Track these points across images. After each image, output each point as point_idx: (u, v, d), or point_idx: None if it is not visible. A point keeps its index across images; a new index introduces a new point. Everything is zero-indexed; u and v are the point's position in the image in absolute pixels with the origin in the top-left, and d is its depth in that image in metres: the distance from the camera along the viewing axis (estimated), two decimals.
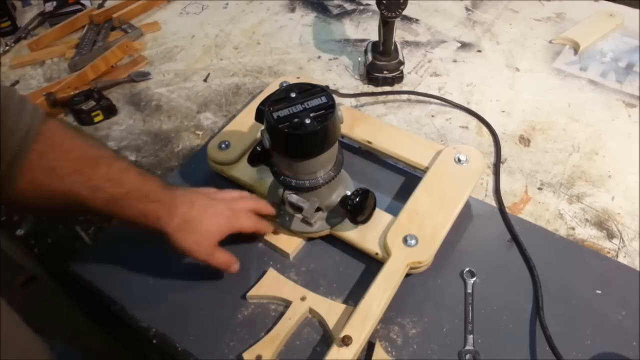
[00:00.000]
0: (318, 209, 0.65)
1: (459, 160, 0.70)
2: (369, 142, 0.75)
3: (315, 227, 0.66)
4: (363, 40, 1.01)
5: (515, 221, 0.70)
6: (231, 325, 0.61)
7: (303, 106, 0.57)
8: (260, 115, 0.63)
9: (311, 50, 1.01)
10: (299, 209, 0.64)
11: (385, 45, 0.88)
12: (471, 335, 0.59)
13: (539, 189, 0.75)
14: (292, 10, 1.12)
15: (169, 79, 0.96)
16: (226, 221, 0.61)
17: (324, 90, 0.59)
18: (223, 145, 0.74)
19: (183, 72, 0.97)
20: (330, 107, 0.57)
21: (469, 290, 0.63)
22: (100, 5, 1.12)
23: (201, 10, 1.13)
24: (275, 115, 0.56)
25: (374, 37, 0.92)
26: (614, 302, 0.62)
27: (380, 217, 0.66)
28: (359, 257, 0.66)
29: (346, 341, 0.54)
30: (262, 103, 0.61)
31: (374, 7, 0.82)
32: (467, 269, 0.65)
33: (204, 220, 0.60)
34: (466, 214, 0.71)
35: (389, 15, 0.81)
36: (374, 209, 0.65)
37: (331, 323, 0.59)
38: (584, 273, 0.65)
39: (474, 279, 0.64)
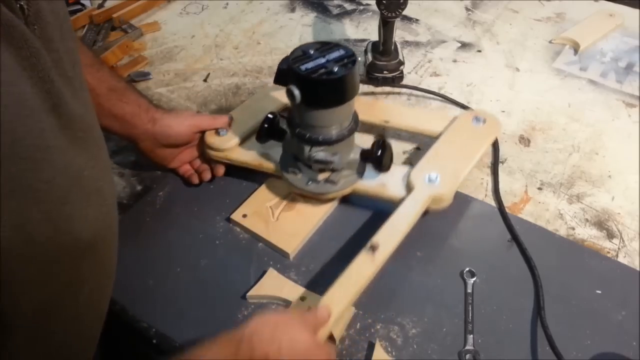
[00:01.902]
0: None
1: (477, 120, 0.75)
2: (386, 121, 0.78)
3: (339, 185, 0.68)
4: (363, 40, 1.01)
5: (515, 221, 0.70)
6: (231, 325, 0.60)
7: (325, 59, 0.60)
8: (281, 76, 0.63)
9: None
10: (328, 164, 0.65)
11: (385, 45, 0.88)
12: (471, 335, 0.59)
13: (539, 189, 0.75)
14: (292, 10, 1.12)
15: (169, 79, 0.96)
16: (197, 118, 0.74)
17: (339, 45, 0.62)
18: (221, 132, 0.73)
19: (183, 72, 0.97)
20: (351, 56, 0.61)
21: (469, 290, 0.63)
22: (100, 5, 1.12)
23: (201, 10, 1.13)
24: (303, 67, 0.59)
25: (374, 37, 0.92)
26: (614, 302, 0.62)
27: (397, 168, 0.69)
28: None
29: (374, 247, 0.59)
30: (282, 64, 0.62)
31: (374, 7, 0.82)
32: (467, 269, 0.65)
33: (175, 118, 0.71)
34: (466, 214, 0.71)
35: (389, 15, 0.81)
36: (392, 156, 0.67)
37: (331, 323, 0.59)
38: (584, 273, 0.65)
39: (474, 279, 0.64)
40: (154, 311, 0.62)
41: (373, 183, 0.69)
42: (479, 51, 0.99)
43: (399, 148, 0.80)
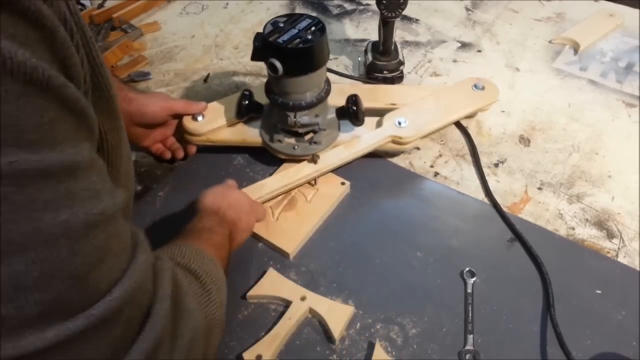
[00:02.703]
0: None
1: (476, 86, 0.82)
2: (392, 104, 0.81)
3: (322, 144, 0.74)
4: (363, 40, 1.01)
5: (515, 221, 0.70)
6: (231, 325, 0.60)
7: (296, 29, 0.64)
8: (258, 53, 0.66)
9: None
10: (313, 125, 0.71)
11: (385, 45, 0.88)
12: (471, 335, 0.59)
13: (539, 189, 0.75)
14: (292, 10, 1.12)
15: (169, 78, 0.96)
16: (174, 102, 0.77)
17: (303, 14, 0.67)
18: (199, 118, 0.76)
19: (183, 72, 0.97)
20: (318, 23, 0.66)
21: (469, 290, 0.63)
22: (100, 5, 1.12)
23: (201, 10, 1.13)
24: (281, 40, 0.63)
25: (374, 37, 0.92)
26: (614, 302, 0.62)
27: (370, 120, 0.76)
28: (358, 255, 0.66)
29: (316, 158, 0.73)
30: (256, 40, 0.65)
31: (374, 7, 0.82)
32: (467, 269, 0.65)
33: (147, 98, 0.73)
34: (466, 214, 0.71)
35: (389, 15, 0.81)
36: (364, 111, 0.73)
37: (331, 323, 0.59)
38: (584, 273, 0.65)
39: (474, 279, 0.64)
40: None
41: (349, 137, 0.76)
42: (479, 51, 0.99)
43: None
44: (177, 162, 0.79)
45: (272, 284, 0.63)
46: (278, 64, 0.63)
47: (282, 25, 0.65)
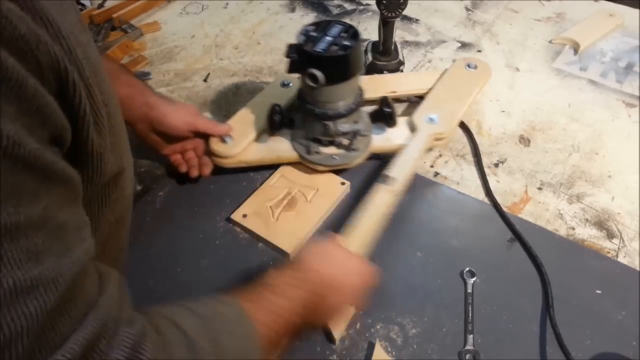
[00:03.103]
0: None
1: (469, 66, 0.85)
2: (393, 92, 0.83)
3: (360, 150, 0.73)
4: (363, 40, 1.01)
5: (515, 221, 0.70)
6: None
7: (330, 36, 0.64)
8: (295, 65, 0.65)
9: None
10: (356, 132, 0.70)
11: (385, 45, 0.88)
12: (471, 335, 0.59)
13: (539, 189, 0.75)
14: (292, 10, 1.12)
15: (169, 79, 0.96)
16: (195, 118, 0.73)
17: (332, 20, 0.66)
18: (227, 139, 0.73)
19: (183, 72, 0.97)
20: (350, 27, 0.65)
21: (469, 290, 0.63)
22: (100, 5, 1.12)
23: (201, 10, 1.13)
24: (319, 49, 0.62)
25: (374, 37, 0.92)
26: (614, 302, 0.62)
27: (398, 121, 0.74)
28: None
29: (388, 178, 0.66)
30: (291, 53, 0.64)
31: (374, 7, 0.82)
32: (467, 269, 0.65)
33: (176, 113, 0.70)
34: (466, 214, 0.71)
35: (389, 15, 0.81)
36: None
37: (331, 323, 0.59)
38: (584, 273, 0.65)
39: (474, 278, 0.64)
40: None
41: (381, 139, 0.75)
42: (479, 51, 0.99)
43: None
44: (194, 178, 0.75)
45: None
46: (319, 74, 0.62)
47: (314, 34, 0.64)
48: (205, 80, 0.95)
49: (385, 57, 0.90)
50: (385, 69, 0.89)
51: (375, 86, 0.82)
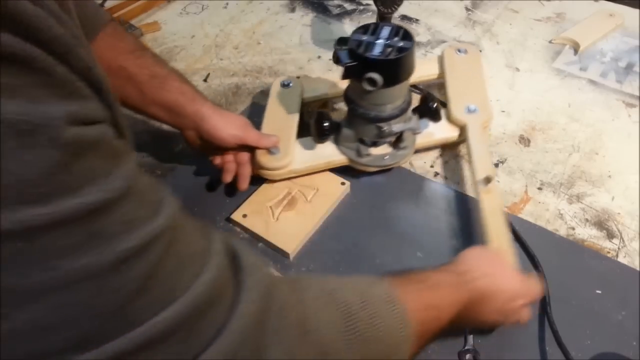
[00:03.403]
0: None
1: (459, 51, 0.86)
2: None
3: (409, 147, 0.74)
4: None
5: (515, 221, 0.70)
6: None
7: (382, 39, 0.65)
8: (352, 71, 0.65)
9: (311, 50, 1.01)
10: (412, 130, 0.72)
11: None
12: (471, 335, 0.59)
13: (539, 189, 0.75)
14: (292, 10, 1.12)
15: None
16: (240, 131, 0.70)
17: (379, 23, 0.67)
18: (274, 151, 0.71)
19: (183, 72, 0.95)
20: (400, 28, 0.66)
21: None
22: (101, 6, 1.12)
23: (201, 10, 1.13)
24: (375, 53, 0.63)
25: None
26: (614, 302, 0.62)
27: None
28: (358, 255, 0.66)
29: (488, 179, 0.67)
30: (344, 60, 0.64)
31: (374, 7, 0.82)
32: None
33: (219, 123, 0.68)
34: (465, 214, 0.71)
35: (386, 11, 0.82)
36: None
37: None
38: (584, 273, 0.65)
39: None
40: None
41: (424, 134, 0.76)
42: (479, 51, 0.99)
43: None
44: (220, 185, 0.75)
45: None
46: (378, 77, 0.63)
47: (366, 38, 0.65)
48: (205, 80, 0.95)
49: None
50: None
51: None
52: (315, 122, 0.71)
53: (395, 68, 0.64)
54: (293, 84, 0.82)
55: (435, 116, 0.73)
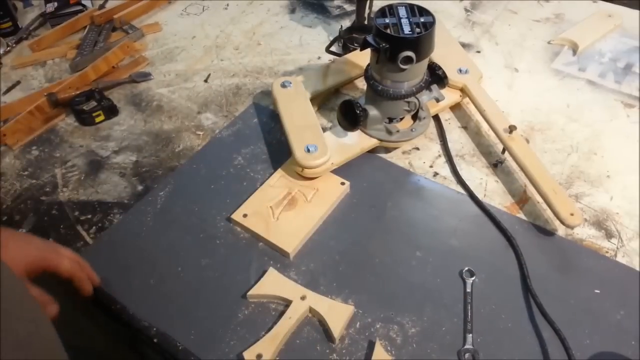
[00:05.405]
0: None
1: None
2: None
3: (426, 117, 0.79)
4: None
5: (514, 221, 0.70)
6: (232, 324, 0.61)
7: (405, 18, 0.69)
8: (387, 52, 0.67)
9: (311, 50, 1.01)
10: (434, 99, 0.77)
11: (359, 19, 0.94)
12: (470, 335, 0.59)
13: None
14: (292, 11, 1.12)
15: (169, 79, 0.96)
16: (38, 252, 0.55)
17: (394, 5, 0.71)
18: (311, 148, 0.72)
19: (184, 73, 0.97)
20: (419, 7, 0.70)
21: (468, 290, 0.63)
22: (102, 6, 1.12)
23: (202, 11, 1.13)
24: (406, 32, 0.67)
25: None
26: (612, 301, 0.62)
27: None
28: (358, 255, 0.67)
29: (512, 128, 0.75)
30: (377, 43, 0.67)
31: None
32: (466, 269, 0.65)
33: (9, 244, 0.53)
34: (465, 214, 0.72)
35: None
36: None
37: (331, 322, 0.59)
38: (582, 273, 0.65)
39: (473, 278, 0.64)
40: (155, 310, 0.62)
41: (435, 102, 0.79)
42: (478, 52, 1.00)
43: None
44: None
45: (273, 284, 0.64)
46: (413, 55, 0.67)
47: (387, 21, 0.69)
48: (205, 81, 0.95)
49: (359, 33, 0.94)
50: (357, 41, 0.95)
51: (362, 61, 0.84)
52: (344, 113, 0.74)
53: (425, 43, 0.68)
54: (293, 83, 0.83)
55: (443, 81, 0.76)
